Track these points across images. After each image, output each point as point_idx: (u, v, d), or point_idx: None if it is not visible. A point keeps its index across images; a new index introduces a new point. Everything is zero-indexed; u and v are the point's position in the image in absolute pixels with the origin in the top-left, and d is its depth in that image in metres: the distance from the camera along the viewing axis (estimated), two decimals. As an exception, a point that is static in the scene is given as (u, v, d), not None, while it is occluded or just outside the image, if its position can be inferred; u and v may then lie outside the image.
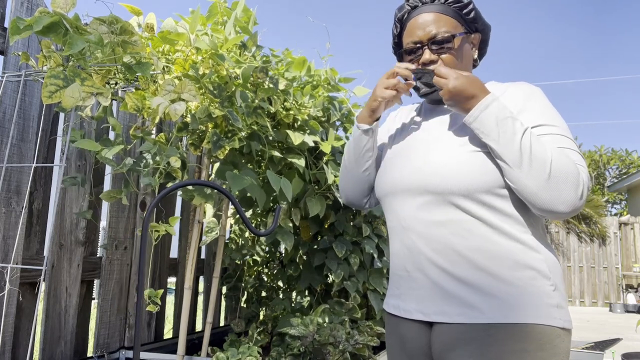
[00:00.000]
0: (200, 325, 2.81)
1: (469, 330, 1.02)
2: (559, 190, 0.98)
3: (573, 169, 0.99)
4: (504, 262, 1.03)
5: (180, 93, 1.42)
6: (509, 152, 1.00)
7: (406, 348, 1.16)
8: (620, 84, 46.90)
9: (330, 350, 1.90)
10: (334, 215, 2.47)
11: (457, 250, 1.05)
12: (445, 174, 1.06)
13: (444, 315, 1.06)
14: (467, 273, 1.04)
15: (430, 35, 1.13)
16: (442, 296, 1.06)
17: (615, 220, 10.88)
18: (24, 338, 1.75)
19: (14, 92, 1.69)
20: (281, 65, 1.97)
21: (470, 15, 1.17)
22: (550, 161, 0.99)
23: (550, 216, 1.02)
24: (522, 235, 1.05)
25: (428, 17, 1.14)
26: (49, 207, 1.85)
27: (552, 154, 0.99)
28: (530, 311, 1.00)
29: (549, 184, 0.98)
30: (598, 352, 3.10)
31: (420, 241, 1.10)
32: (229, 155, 1.85)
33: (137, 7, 1.63)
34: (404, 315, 1.14)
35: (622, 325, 7.39)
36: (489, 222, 1.05)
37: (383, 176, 1.22)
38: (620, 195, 20.16)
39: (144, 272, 1.63)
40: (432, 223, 1.09)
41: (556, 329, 1.01)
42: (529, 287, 1.02)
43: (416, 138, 1.20)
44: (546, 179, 0.98)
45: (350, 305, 2.32)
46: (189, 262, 1.85)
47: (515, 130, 1.01)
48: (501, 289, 1.02)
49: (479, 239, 1.05)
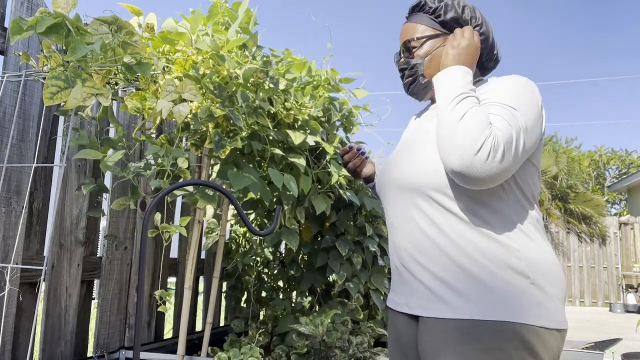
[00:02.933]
0: (200, 325, 2.81)
1: (445, 326, 1.03)
2: (456, 141, 0.98)
3: (481, 123, 0.98)
4: (480, 259, 1.03)
5: (181, 93, 1.42)
6: (443, 102, 1.06)
7: (399, 341, 1.20)
8: (620, 83, 46.89)
9: (337, 354, 1.90)
10: (335, 215, 2.47)
11: (432, 246, 1.07)
12: (421, 171, 1.11)
13: (422, 310, 1.07)
14: (443, 269, 1.05)
15: (402, 43, 1.27)
16: (422, 291, 1.09)
17: (615, 220, 10.88)
18: (24, 338, 1.75)
19: (14, 92, 1.69)
20: (282, 65, 1.97)
21: (441, 18, 1.23)
22: (464, 113, 1.01)
23: (458, 178, 0.99)
24: (500, 233, 1.05)
25: (405, 27, 1.27)
26: (49, 207, 1.84)
27: (471, 110, 1.01)
28: (505, 309, 0.99)
29: (454, 132, 0.99)
30: (598, 352, 3.09)
31: (402, 237, 1.14)
32: (230, 155, 1.85)
33: (138, 7, 1.63)
34: (396, 307, 1.18)
35: (622, 325, 7.39)
36: (465, 219, 1.06)
37: (379, 174, 1.29)
38: (620, 195, 20.17)
39: (144, 272, 1.63)
40: (411, 219, 1.12)
41: (534, 328, 0.98)
42: (504, 285, 1.01)
43: (408, 137, 1.28)
44: (454, 127, 1.00)
45: (352, 306, 2.32)
46: (189, 262, 1.85)
47: (460, 90, 1.06)
48: (476, 286, 1.02)
49: (454, 236, 1.06)
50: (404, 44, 1.25)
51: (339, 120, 2.31)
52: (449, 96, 1.07)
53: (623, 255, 10.66)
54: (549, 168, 11.57)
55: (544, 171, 11.50)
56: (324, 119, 2.22)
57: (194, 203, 1.71)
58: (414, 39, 1.23)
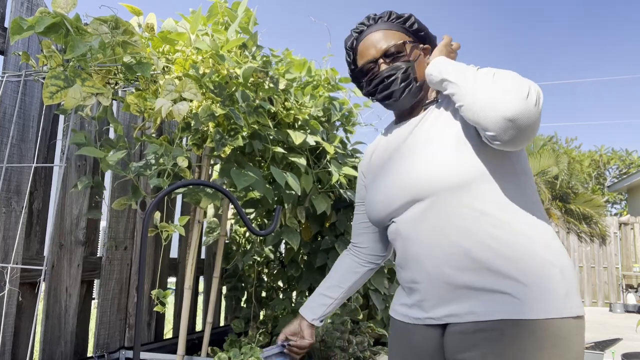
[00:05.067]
0: (200, 325, 2.81)
1: (480, 330, 1.01)
2: (502, 89, 0.97)
3: (517, 75, 1.01)
4: (507, 257, 1.02)
5: (181, 92, 1.42)
6: (458, 73, 1.06)
7: (414, 351, 1.16)
8: (620, 83, 46.86)
9: (337, 353, 1.90)
10: (335, 215, 2.47)
11: (460, 251, 1.05)
12: (428, 177, 1.08)
13: (455, 317, 1.06)
14: (472, 275, 1.04)
15: (382, 50, 1.22)
16: (450, 301, 1.06)
17: (615, 220, 10.88)
18: (24, 338, 1.75)
19: (14, 92, 1.69)
20: (281, 65, 1.97)
21: (414, 27, 1.25)
22: (494, 72, 1.03)
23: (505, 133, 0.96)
24: (519, 225, 1.05)
25: (376, 36, 1.23)
26: (49, 207, 1.84)
27: (496, 70, 1.04)
28: (540, 306, 0.99)
29: (493, 85, 0.99)
30: (598, 352, 3.10)
31: (423, 251, 1.11)
32: (231, 154, 1.85)
33: (137, 7, 1.63)
34: (413, 322, 1.16)
35: (622, 325, 7.39)
36: (480, 215, 1.05)
37: (374, 206, 1.24)
38: (620, 195, 20.16)
39: (144, 272, 1.63)
40: (431, 229, 1.09)
41: (568, 321, 0.99)
42: (537, 280, 1.01)
43: (390, 159, 1.25)
44: (490, 82, 1.00)
45: (352, 307, 2.32)
46: (189, 262, 1.85)
47: (467, 66, 1.08)
48: (507, 286, 1.01)
49: (476, 235, 1.04)
50: (384, 51, 1.21)
51: (339, 120, 2.31)
52: (463, 69, 1.07)
53: (623, 255, 10.66)
54: (550, 168, 11.57)
55: (544, 171, 11.50)
56: (324, 118, 2.22)
57: (197, 202, 1.71)
58: (398, 44, 1.21)
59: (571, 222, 10.86)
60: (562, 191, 11.44)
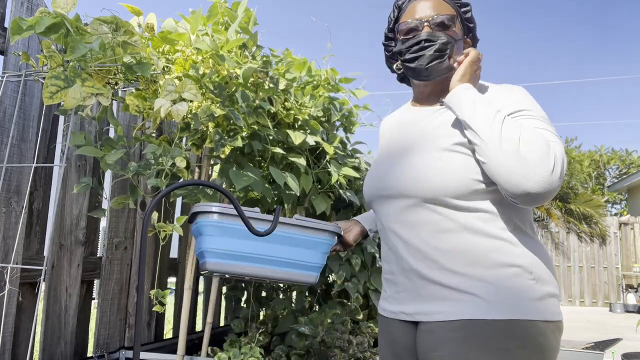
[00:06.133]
0: (200, 325, 2.81)
1: (449, 329, 1.02)
2: (529, 164, 0.96)
3: (543, 143, 0.98)
4: (482, 260, 1.03)
5: (181, 92, 1.42)
6: (482, 125, 1.02)
7: (394, 347, 1.19)
8: (620, 83, 46.87)
9: (337, 353, 1.90)
10: (335, 215, 2.47)
11: (435, 252, 1.07)
12: (419, 178, 1.08)
13: (424, 315, 1.07)
14: (446, 274, 1.05)
15: (433, 15, 1.17)
16: (423, 297, 1.08)
17: (615, 220, 10.88)
18: (24, 338, 1.75)
19: (14, 92, 1.69)
20: (281, 65, 1.97)
21: (467, 15, 1.21)
22: (520, 134, 0.99)
23: (525, 200, 0.97)
24: (499, 233, 1.05)
25: (429, 2, 1.18)
26: (49, 207, 1.84)
27: (522, 129, 1.00)
28: (510, 307, 1.00)
29: (519, 155, 0.97)
30: (598, 352, 3.10)
31: (401, 244, 1.12)
32: (230, 154, 1.85)
33: (138, 7, 1.63)
34: (390, 316, 1.18)
35: (622, 325, 7.39)
36: (463, 222, 1.06)
37: (368, 182, 1.25)
38: (620, 195, 20.16)
39: (144, 272, 1.62)
40: (411, 225, 1.11)
41: (537, 323, 1.00)
42: (507, 283, 1.01)
43: (396, 143, 1.24)
44: (516, 149, 0.98)
45: (352, 307, 2.32)
46: (189, 262, 1.85)
47: (490, 109, 1.04)
48: (479, 287, 1.02)
49: (456, 239, 1.06)
50: (434, 16, 1.15)
51: (339, 120, 2.31)
52: (487, 116, 1.02)
53: (623, 255, 10.66)
54: (549, 168, 11.53)
55: (544, 171, 11.46)
56: (324, 119, 2.22)
57: (196, 202, 1.71)
58: (450, 17, 1.16)
59: (571, 222, 10.86)
60: (562, 191, 11.44)
